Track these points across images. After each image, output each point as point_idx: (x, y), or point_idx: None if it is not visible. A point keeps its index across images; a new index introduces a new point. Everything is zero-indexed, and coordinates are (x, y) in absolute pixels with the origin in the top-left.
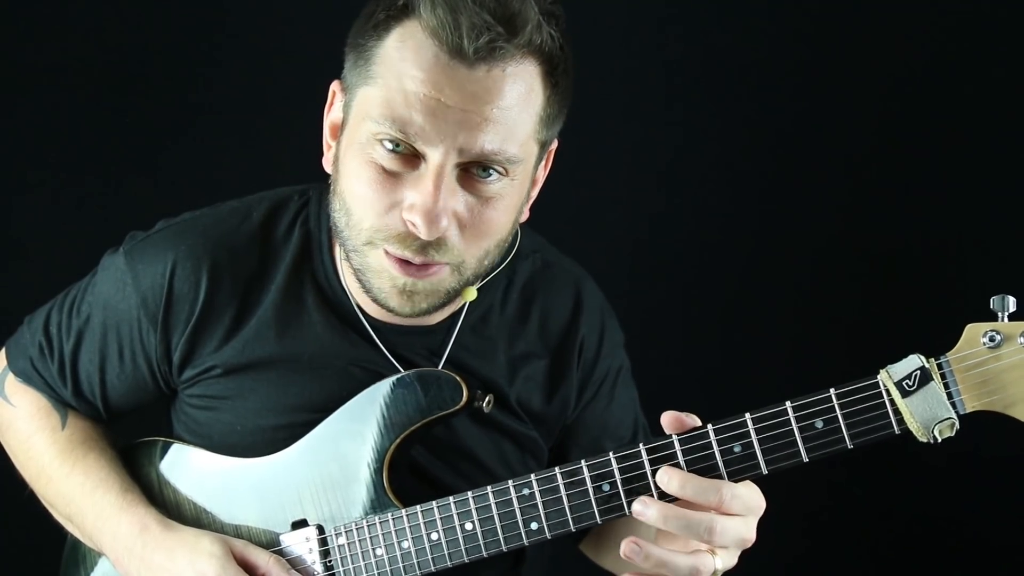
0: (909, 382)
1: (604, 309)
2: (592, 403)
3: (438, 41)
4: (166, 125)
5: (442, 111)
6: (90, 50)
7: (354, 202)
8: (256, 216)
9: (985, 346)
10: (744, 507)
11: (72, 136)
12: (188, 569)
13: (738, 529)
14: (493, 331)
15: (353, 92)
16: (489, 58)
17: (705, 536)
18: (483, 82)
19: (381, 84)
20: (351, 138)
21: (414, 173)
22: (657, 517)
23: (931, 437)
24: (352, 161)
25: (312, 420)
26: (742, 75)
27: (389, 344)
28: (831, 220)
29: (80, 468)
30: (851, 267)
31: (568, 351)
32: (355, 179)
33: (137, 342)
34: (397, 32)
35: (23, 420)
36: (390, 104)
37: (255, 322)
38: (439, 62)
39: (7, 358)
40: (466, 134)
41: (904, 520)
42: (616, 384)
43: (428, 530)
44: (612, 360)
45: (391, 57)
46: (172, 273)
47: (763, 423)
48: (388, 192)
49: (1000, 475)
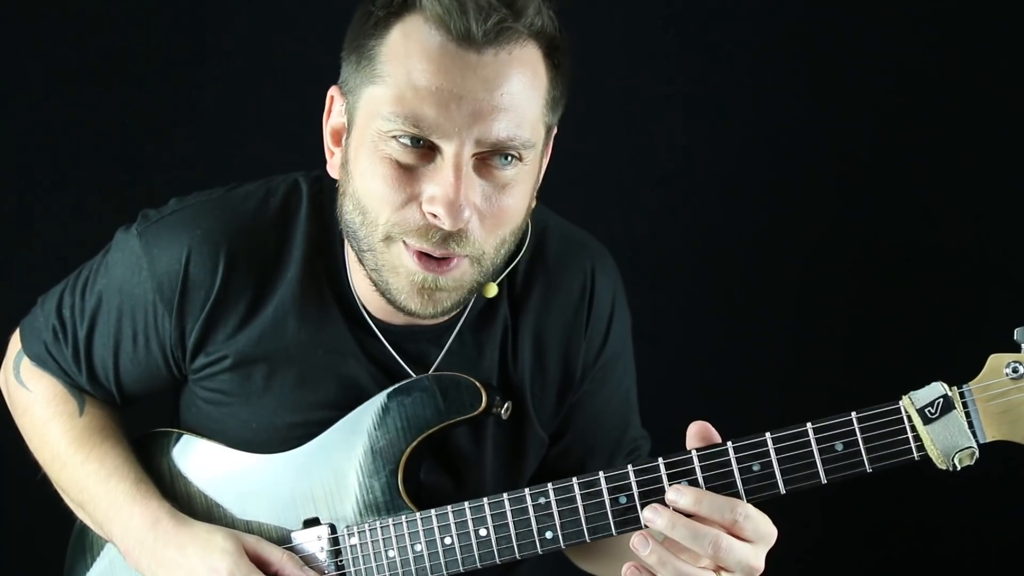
0: (931, 409)
1: (615, 287)
2: (592, 390)
3: (444, 30)
4: (170, 117)
5: (455, 102)
6: (90, 49)
7: (369, 200)
8: (273, 203)
9: (1008, 377)
10: (755, 532)
11: (73, 129)
12: (200, 565)
13: (745, 553)
14: (496, 329)
15: (357, 93)
16: (496, 41)
17: (710, 550)
18: (492, 66)
19: (389, 82)
20: (360, 139)
21: (430, 166)
22: (666, 524)
23: (951, 465)
24: (364, 160)
25: (328, 418)
26: (744, 75)
27: (393, 341)
28: (854, 233)
29: (95, 456)
30: (855, 273)
31: (575, 339)
32: (369, 177)
33: (152, 327)
34: (399, 28)
35: (40, 405)
36: (401, 100)
37: (272, 312)
38: (447, 51)
39: (22, 341)
40: (481, 123)
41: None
42: (618, 370)
43: (442, 534)
44: (617, 344)
45: (396, 53)
46: (188, 258)
47: (783, 443)
48: (404, 186)
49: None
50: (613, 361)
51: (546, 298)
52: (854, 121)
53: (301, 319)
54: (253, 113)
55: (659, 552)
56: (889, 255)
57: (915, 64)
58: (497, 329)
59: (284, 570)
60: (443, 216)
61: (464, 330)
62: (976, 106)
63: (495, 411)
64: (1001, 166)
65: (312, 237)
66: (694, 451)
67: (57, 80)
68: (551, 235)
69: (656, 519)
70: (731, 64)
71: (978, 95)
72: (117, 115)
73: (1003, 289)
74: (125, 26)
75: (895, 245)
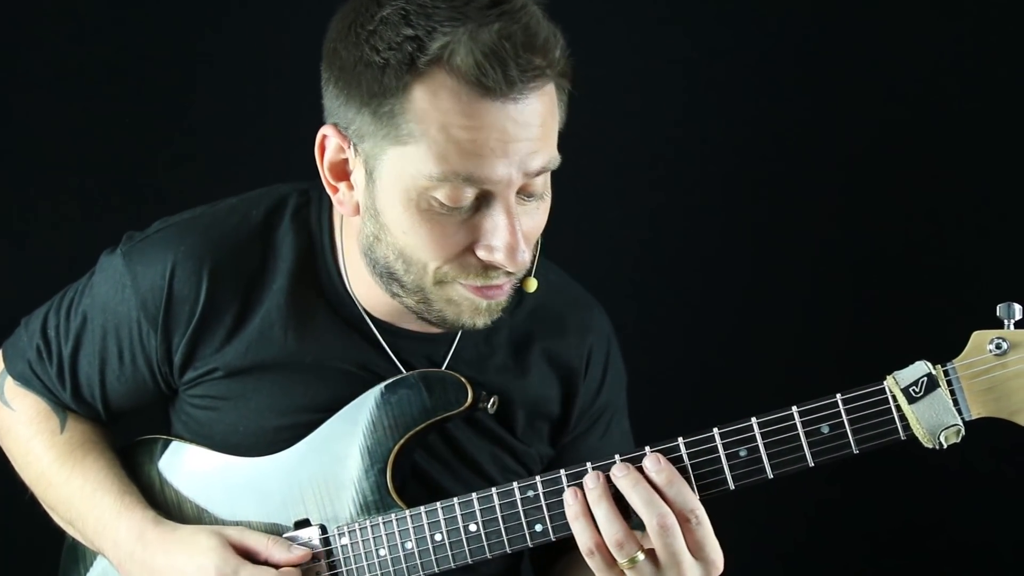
0: (916, 388)
1: (611, 343)
2: (586, 434)
3: (482, 87)
4: (167, 125)
5: (500, 151)
6: (89, 50)
7: (416, 253)
8: (256, 215)
9: (991, 353)
10: (701, 541)
11: (72, 135)
12: (188, 565)
13: (683, 549)
14: (497, 347)
15: (378, 148)
16: (529, 87)
17: (656, 521)
18: (526, 109)
19: (425, 142)
20: (391, 193)
21: (478, 214)
22: (631, 482)
23: (937, 443)
24: (403, 216)
25: (315, 421)
26: (744, 76)
27: (395, 348)
28: (835, 223)
29: (79, 471)
30: (853, 270)
31: (573, 376)
32: (413, 234)
33: (137, 344)
34: (423, 86)
35: (22, 424)
36: (445, 160)
37: (258, 323)
38: (484, 106)
39: (4, 361)
40: (524, 165)
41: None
42: (612, 422)
43: (432, 531)
44: (612, 397)
45: (426, 112)
46: (172, 274)
47: (769, 427)
48: (456, 237)
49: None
50: (610, 409)
51: (549, 330)
52: (859, 122)
53: (290, 328)
54: (251, 120)
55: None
56: (871, 242)
57: (930, 64)
58: (498, 350)
59: (272, 556)
60: (506, 262)
61: (468, 344)
62: (975, 103)
63: (481, 406)
64: (985, 159)
65: (298, 247)
66: (681, 439)
67: (56, 81)
68: (557, 279)
69: (623, 475)
70: (732, 65)
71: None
72: (113, 125)
73: (984, 268)
74: (125, 27)
75: (877, 232)
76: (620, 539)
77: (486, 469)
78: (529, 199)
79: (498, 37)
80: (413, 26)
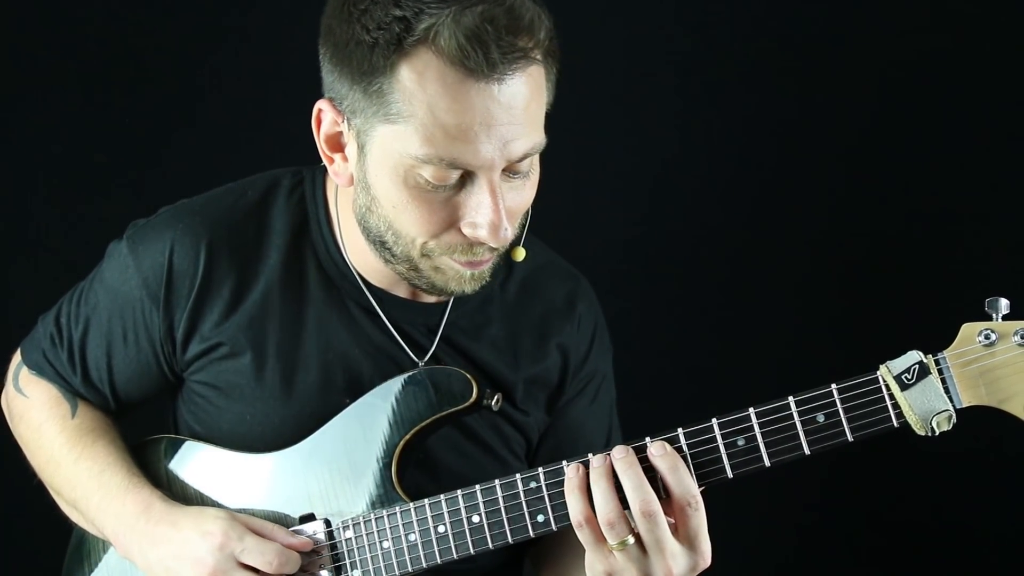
0: (908, 375)
1: (598, 313)
2: (575, 400)
3: (465, 68)
4: (170, 121)
5: (484, 133)
6: (90, 49)
7: (403, 226)
8: (252, 194)
9: (980, 344)
10: (694, 531)
11: (75, 135)
12: (193, 532)
13: (668, 537)
14: (491, 317)
15: (368, 124)
16: (513, 68)
17: (640, 504)
18: (510, 90)
19: (413, 122)
20: (380, 167)
21: (463, 192)
22: (627, 464)
23: (929, 430)
24: (391, 190)
25: (320, 408)
26: (739, 74)
27: (392, 317)
28: (828, 216)
29: (88, 454)
30: (847, 266)
31: (566, 343)
32: (401, 208)
33: (141, 324)
34: (409, 66)
35: (35, 410)
36: (431, 141)
37: (258, 297)
38: (469, 86)
39: (22, 354)
40: (509, 146)
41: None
42: (600, 388)
43: (435, 523)
44: (600, 363)
45: (412, 92)
46: (171, 251)
47: (766, 417)
48: (442, 213)
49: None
50: (598, 376)
51: (540, 301)
52: (851, 117)
53: (289, 302)
54: (253, 118)
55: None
56: (865, 239)
57: (916, 59)
58: (491, 319)
59: (276, 536)
60: (489, 239)
61: (463, 313)
62: (975, 103)
63: (486, 402)
64: (977, 155)
65: (294, 222)
66: (680, 430)
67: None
68: (544, 253)
69: (621, 457)
70: (728, 63)
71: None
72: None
73: (975, 264)
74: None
75: (871, 229)
76: (612, 519)
77: (483, 436)
78: (515, 176)
79: (481, 19)
80: (402, 7)
